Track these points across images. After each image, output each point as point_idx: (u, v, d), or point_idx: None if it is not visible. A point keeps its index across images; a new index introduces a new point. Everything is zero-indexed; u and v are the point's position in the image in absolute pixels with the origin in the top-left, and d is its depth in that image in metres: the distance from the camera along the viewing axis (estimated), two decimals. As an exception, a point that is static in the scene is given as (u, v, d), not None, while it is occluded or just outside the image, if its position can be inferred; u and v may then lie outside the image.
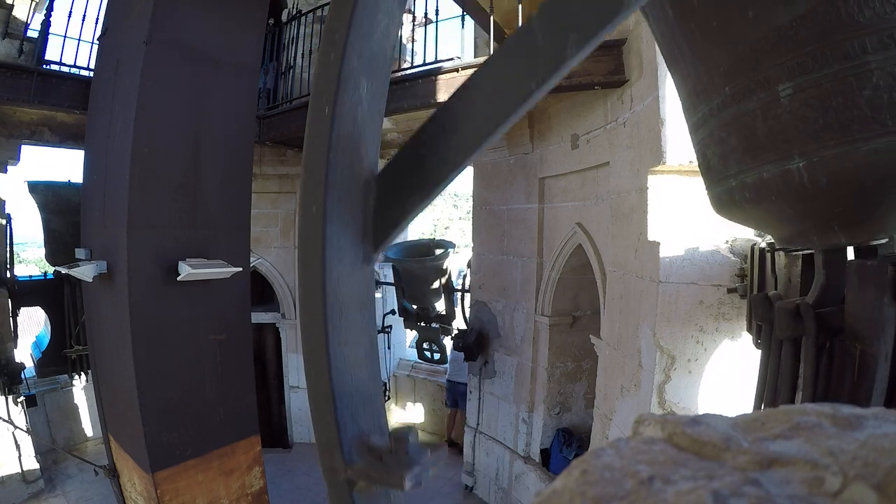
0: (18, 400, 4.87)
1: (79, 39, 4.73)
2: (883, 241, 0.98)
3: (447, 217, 20.16)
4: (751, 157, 0.96)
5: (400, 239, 7.25)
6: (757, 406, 1.51)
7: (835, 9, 0.79)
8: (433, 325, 5.90)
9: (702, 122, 1.05)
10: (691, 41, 1.03)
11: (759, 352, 2.14)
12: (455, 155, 0.52)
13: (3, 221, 4.79)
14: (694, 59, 1.04)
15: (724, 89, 0.95)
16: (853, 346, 1.03)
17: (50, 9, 4.62)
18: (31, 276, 5.34)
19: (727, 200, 1.11)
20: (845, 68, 0.80)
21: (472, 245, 5.70)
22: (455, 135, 0.53)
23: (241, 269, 3.22)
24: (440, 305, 6.04)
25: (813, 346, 1.09)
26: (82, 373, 5.09)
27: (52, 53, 4.75)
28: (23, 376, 4.76)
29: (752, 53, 0.88)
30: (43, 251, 5.15)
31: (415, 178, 0.56)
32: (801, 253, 1.41)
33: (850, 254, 1.19)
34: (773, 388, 1.31)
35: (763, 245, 1.93)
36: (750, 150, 0.95)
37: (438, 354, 5.96)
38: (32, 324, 7.53)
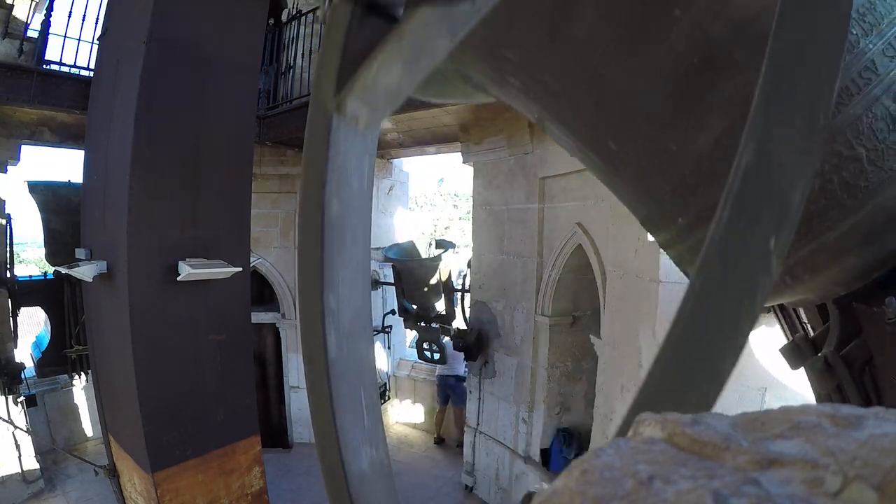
0: (18, 400, 4.87)
1: (79, 39, 4.73)
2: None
3: (447, 217, 20.17)
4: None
5: (399, 239, 7.26)
6: None
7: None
8: (433, 325, 5.91)
9: (666, 245, 1.02)
10: (631, 183, 1.01)
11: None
12: None
13: (3, 221, 4.79)
14: (637, 197, 1.02)
15: (678, 220, 0.92)
16: (891, 375, 1.02)
17: (50, 9, 4.62)
18: (31, 276, 5.34)
19: None
20: None
21: (472, 245, 5.70)
22: None
23: (241, 269, 3.22)
24: (440, 305, 6.04)
25: (853, 384, 1.08)
26: (82, 373, 5.09)
27: (52, 53, 4.75)
28: (23, 376, 4.76)
29: (691, 181, 0.85)
30: (43, 251, 5.15)
31: None
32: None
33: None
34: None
35: None
36: None
37: (438, 354, 5.97)
38: (32, 324, 7.53)
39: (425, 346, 6.02)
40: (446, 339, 5.84)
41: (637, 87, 0.84)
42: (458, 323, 5.86)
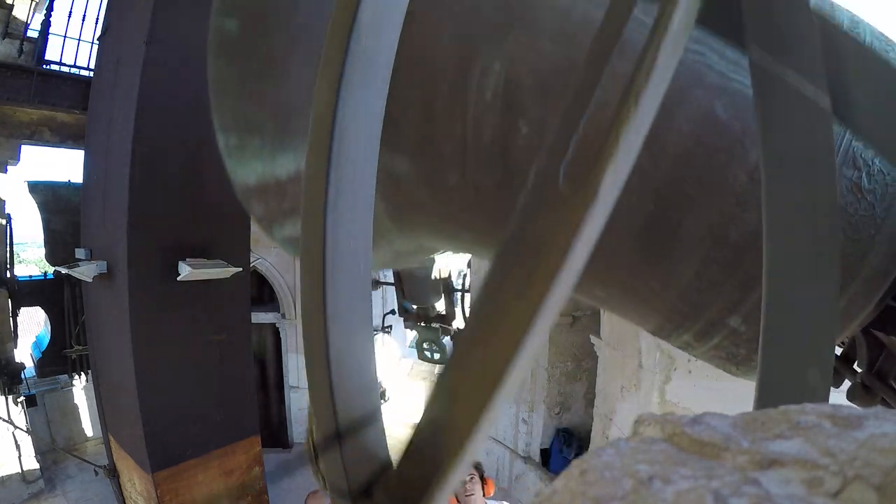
0: (18, 400, 4.87)
1: (79, 39, 4.74)
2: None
3: (447, 217, 20.19)
4: (744, 368, 0.97)
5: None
6: None
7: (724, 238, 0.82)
8: (433, 325, 5.90)
9: (685, 347, 1.04)
10: (628, 316, 1.04)
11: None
12: None
13: (3, 221, 4.79)
14: (640, 323, 1.04)
15: (682, 337, 0.94)
16: None
17: (50, 9, 4.62)
18: (31, 276, 5.34)
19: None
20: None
21: (472, 245, 5.69)
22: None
23: (241, 269, 3.22)
24: (440, 305, 6.04)
25: (892, 394, 1.08)
26: (82, 373, 5.09)
27: (52, 53, 4.75)
28: (23, 376, 4.76)
29: (686, 309, 0.87)
30: (43, 251, 5.16)
31: None
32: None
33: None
34: None
35: None
36: (739, 365, 0.97)
37: (438, 354, 5.97)
38: (32, 324, 7.53)
39: (425, 346, 6.01)
40: (446, 339, 5.84)
41: (609, 241, 0.86)
42: (458, 323, 5.85)
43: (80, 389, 6.17)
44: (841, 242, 0.74)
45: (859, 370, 1.11)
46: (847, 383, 1.11)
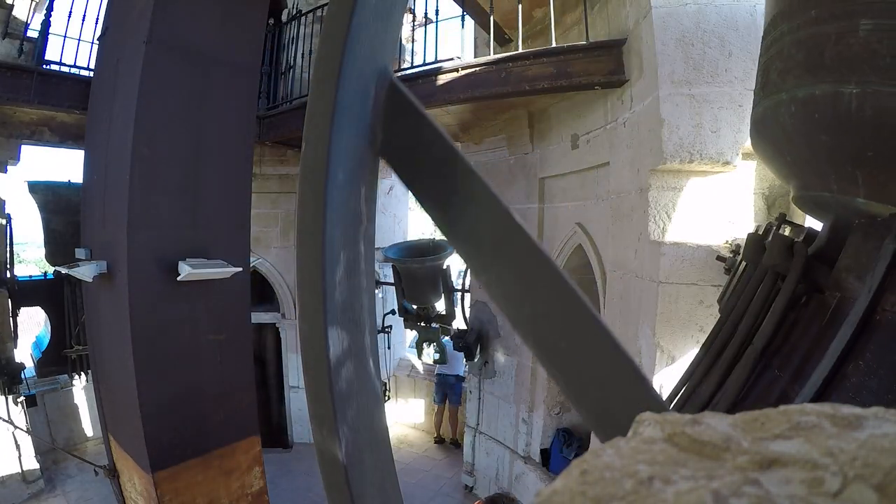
0: (18, 400, 4.87)
1: (79, 39, 4.74)
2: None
3: (447, 217, 20.19)
4: (811, 74, 1.01)
5: (399, 239, 7.26)
6: (697, 359, 1.44)
7: None
8: (433, 325, 5.91)
9: (776, 39, 1.12)
10: None
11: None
12: None
13: (3, 221, 4.79)
14: None
15: (811, 12, 1.00)
16: (832, 297, 1.04)
17: (50, 9, 4.62)
18: (31, 276, 5.34)
19: (770, 116, 1.14)
20: None
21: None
22: None
23: (241, 269, 3.22)
24: (440, 305, 6.04)
25: (793, 283, 1.10)
26: (82, 373, 5.09)
27: (52, 53, 4.76)
28: (23, 376, 4.76)
29: None
30: (43, 251, 5.16)
31: None
32: (806, 230, 1.42)
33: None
34: (725, 340, 1.28)
35: (767, 224, 1.90)
36: (812, 68, 1.01)
37: (438, 354, 5.97)
38: (32, 324, 7.52)
39: (425, 346, 6.02)
40: (446, 339, 5.84)
41: None
42: (458, 323, 5.86)
43: (80, 389, 6.17)
44: None
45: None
46: None
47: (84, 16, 4.55)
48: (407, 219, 8.16)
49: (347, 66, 0.48)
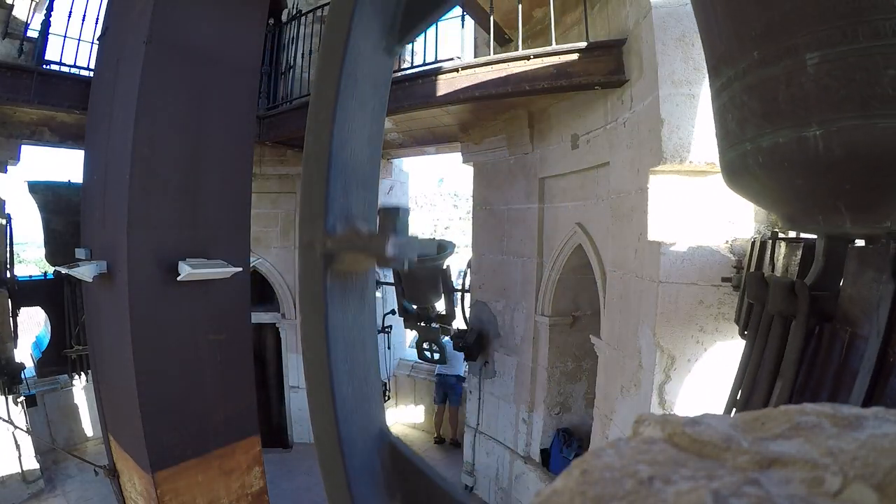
0: (18, 400, 4.87)
1: (79, 39, 4.73)
2: (889, 229, 0.97)
3: (447, 217, 20.14)
4: (769, 122, 0.97)
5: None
6: (734, 392, 1.50)
7: None
8: (433, 325, 5.90)
9: (725, 85, 1.09)
10: (728, 7, 1.06)
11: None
12: None
13: (3, 221, 4.79)
14: (727, 25, 1.06)
15: (753, 54, 0.97)
16: (843, 331, 1.04)
17: (50, 9, 4.62)
18: (31, 276, 5.34)
19: (739, 166, 1.11)
20: (873, 46, 0.82)
21: (472, 245, 5.69)
22: None
23: (241, 269, 3.22)
24: (440, 305, 6.04)
25: (803, 326, 1.10)
26: (82, 373, 5.09)
27: (52, 53, 4.75)
28: (23, 376, 4.76)
29: (785, 20, 0.90)
30: (43, 251, 5.15)
31: None
32: (802, 244, 1.42)
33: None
34: (753, 374, 1.30)
35: (763, 238, 1.92)
36: (769, 115, 0.97)
37: (438, 354, 5.97)
38: (32, 324, 7.52)
39: (425, 346, 6.01)
40: (446, 339, 5.84)
41: None
42: (458, 323, 5.85)
43: (80, 389, 6.17)
44: None
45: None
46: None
47: (84, 16, 4.54)
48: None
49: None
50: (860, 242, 1.13)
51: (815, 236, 1.28)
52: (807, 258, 1.25)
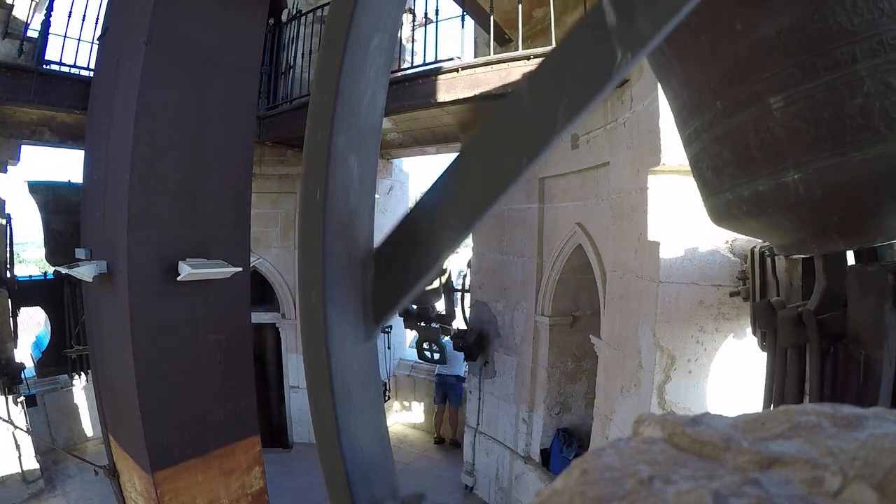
0: (18, 400, 4.87)
1: (79, 39, 4.73)
2: (882, 244, 0.97)
3: (447, 217, 20.18)
4: (745, 171, 0.95)
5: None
6: (766, 408, 1.52)
7: (822, 18, 0.79)
8: (433, 325, 5.90)
9: (694, 136, 1.05)
10: (681, 58, 1.03)
11: (764, 353, 2.16)
12: (450, 231, 0.52)
13: (3, 221, 4.79)
14: (685, 76, 1.03)
15: (716, 104, 0.94)
16: (857, 352, 1.03)
17: (50, 9, 4.62)
18: (31, 276, 5.34)
19: (724, 213, 1.11)
20: (836, 78, 0.80)
21: (472, 245, 5.70)
22: (449, 211, 0.52)
23: (241, 269, 3.22)
24: (440, 305, 6.04)
25: (817, 352, 1.09)
26: (82, 373, 5.09)
27: (52, 53, 4.76)
28: (23, 376, 4.76)
29: (742, 67, 0.87)
30: (43, 251, 5.15)
31: (411, 254, 0.55)
32: (800, 260, 1.41)
33: (851, 256, 1.19)
34: (780, 394, 1.31)
35: (763, 248, 1.92)
36: (744, 164, 0.95)
37: (438, 354, 5.97)
38: (32, 324, 7.52)
39: (425, 346, 6.02)
40: (446, 339, 5.84)
41: None
42: (458, 323, 5.85)
43: (80, 389, 6.17)
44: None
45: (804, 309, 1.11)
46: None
47: (84, 16, 4.54)
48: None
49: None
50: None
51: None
52: (807, 273, 1.25)
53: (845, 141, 0.79)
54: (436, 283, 5.92)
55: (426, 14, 5.34)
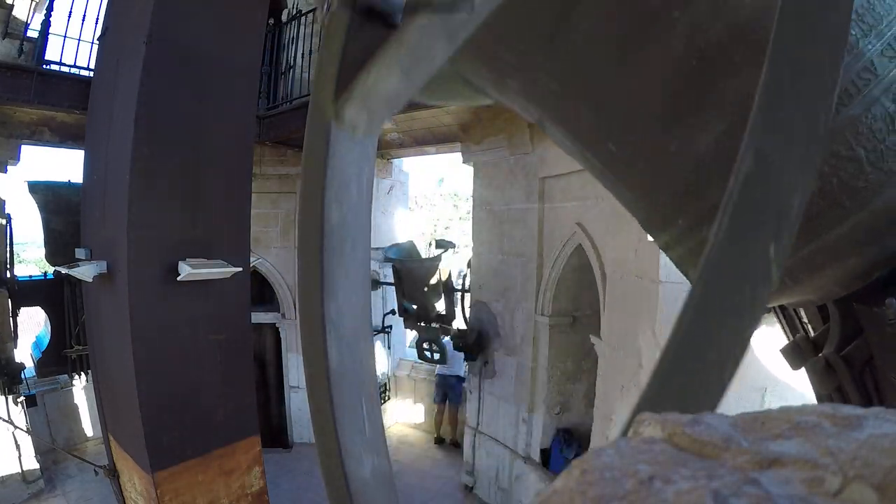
0: (18, 400, 4.87)
1: (79, 39, 4.74)
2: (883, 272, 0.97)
3: (447, 217, 20.15)
4: None
5: (399, 239, 7.26)
6: None
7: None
8: (433, 325, 5.91)
9: (666, 248, 1.02)
10: (628, 186, 1.01)
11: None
12: None
13: (3, 221, 4.80)
14: (638, 201, 1.02)
15: (678, 222, 0.92)
16: (891, 376, 1.03)
17: (50, 9, 4.62)
18: (31, 276, 5.34)
19: None
20: None
21: (472, 245, 5.70)
22: None
23: (241, 269, 3.22)
24: (440, 305, 6.04)
25: (855, 391, 1.09)
26: (82, 373, 5.09)
27: (52, 53, 4.74)
28: (23, 376, 4.76)
29: (693, 183, 0.84)
30: (43, 251, 5.15)
31: None
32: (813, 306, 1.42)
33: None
34: None
35: None
36: None
37: (438, 354, 5.97)
38: (32, 324, 7.52)
39: (425, 346, 6.02)
40: (446, 339, 5.84)
41: (636, 89, 0.84)
42: (458, 323, 5.86)
43: (80, 389, 6.17)
44: (862, 164, 0.73)
45: (825, 350, 1.11)
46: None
47: (84, 16, 4.55)
48: (407, 219, 8.17)
49: None
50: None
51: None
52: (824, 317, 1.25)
53: (817, 226, 0.79)
54: (436, 283, 5.92)
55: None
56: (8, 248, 4.84)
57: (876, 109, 0.72)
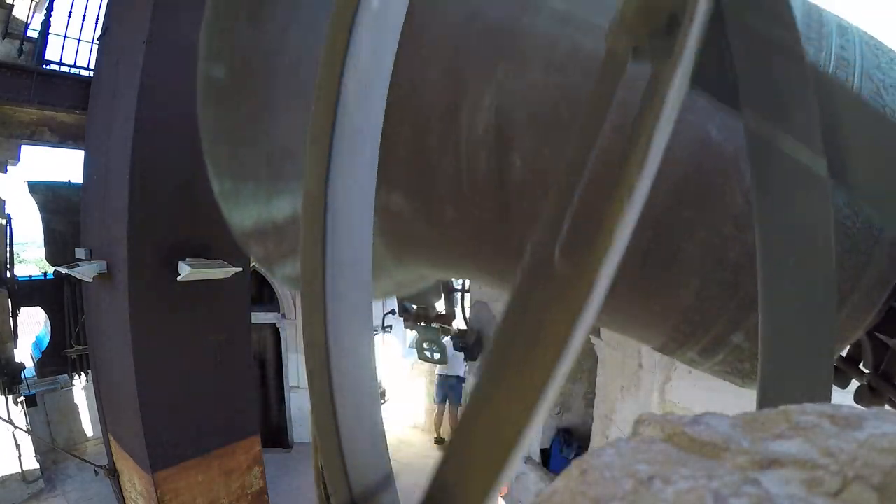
0: (18, 400, 4.87)
1: (79, 39, 4.73)
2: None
3: (447, 217, 20.16)
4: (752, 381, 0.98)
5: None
6: None
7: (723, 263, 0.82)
8: (433, 325, 5.90)
9: (690, 363, 1.05)
10: (626, 328, 1.06)
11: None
12: None
13: (3, 221, 4.79)
14: (642, 340, 1.06)
15: (687, 355, 0.96)
16: None
17: (50, 9, 4.62)
18: (31, 276, 5.34)
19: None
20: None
21: (472, 245, 5.69)
22: None
23: (241, 269, 3.22)
24: (440, 305, 6.04)
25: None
26: (82, 373, 5.09)
27: (52, 53, 4.74)
28: (23, 376, 4.76)
29: (690, 320, 0.87)
30: (43, 251, 5.15)
31: None
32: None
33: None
34: None
35: None
36: (746, 381, 0.99)
37: (438, 354, 5.97)
38: (32, 324, 7.52)
39: (425, 346, 6.01)
40: (446, 339, 5.84)
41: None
42: (458, 323, 5.85)
43: (80, 389, 6.17)
44: (839, 257, 0.75)
45: (866, 371, 1.12)
46: (854, 384, 1.13)
47: (84, 16, 4.55)
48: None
49: None
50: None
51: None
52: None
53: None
54: (435, 284, 5.92)
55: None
56: (8, 248, 4.84)
57: None
